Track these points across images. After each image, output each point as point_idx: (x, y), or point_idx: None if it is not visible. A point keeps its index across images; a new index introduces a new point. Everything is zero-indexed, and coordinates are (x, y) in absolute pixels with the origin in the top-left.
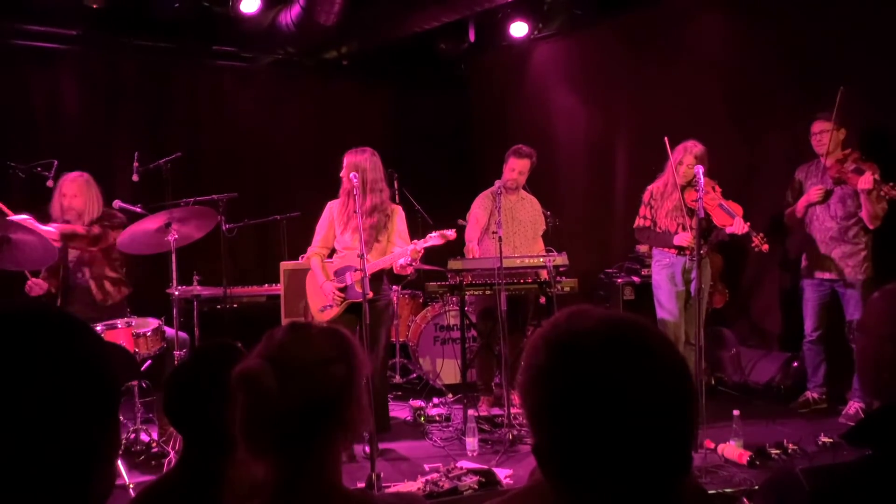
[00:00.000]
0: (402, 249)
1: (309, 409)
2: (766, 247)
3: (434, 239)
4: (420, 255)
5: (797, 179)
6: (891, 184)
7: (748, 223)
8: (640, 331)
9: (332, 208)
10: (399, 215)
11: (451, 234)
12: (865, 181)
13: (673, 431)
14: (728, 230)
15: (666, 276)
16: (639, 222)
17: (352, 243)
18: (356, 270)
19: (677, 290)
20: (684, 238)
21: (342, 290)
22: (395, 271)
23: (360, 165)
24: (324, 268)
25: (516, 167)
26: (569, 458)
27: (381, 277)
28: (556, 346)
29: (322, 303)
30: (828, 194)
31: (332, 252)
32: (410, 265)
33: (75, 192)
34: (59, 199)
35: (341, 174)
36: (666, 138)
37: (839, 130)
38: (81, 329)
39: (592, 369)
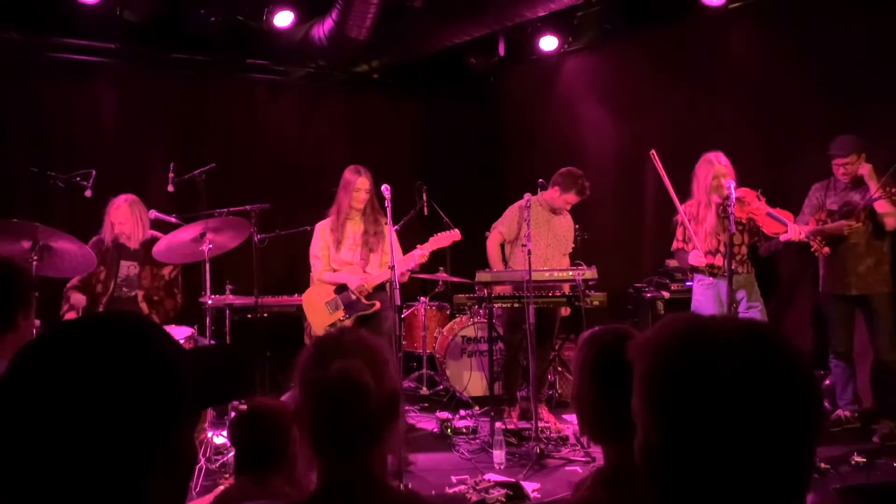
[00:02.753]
0: (409, 254)
1: (386, 405)
2: (826, 249)
3: (438, 241)
4: (426, 259)
5: (815, 197)
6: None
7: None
8: (778, 339)
9: (325, 228)
10: (389, 225)
11: (454, 234)
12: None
13: (796, 449)
14: (783, 238)
15: (712, 297)
16: (675, 245)
17: (351, 258)
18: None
19: (723, 310)
20: (696, 257)
21: (349, 305)
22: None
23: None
24: (340, 273)
25: (572, 202)
26: (686, 460)
27: (384, 286)
28: (691, 342)
29: (327, 321)
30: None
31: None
32: (409, 271)
33: (122, 219)
34: (109, 223)
35: (360, 190)
36: (653, 152)
37: (861, 156)
38: (163, 335)
39: (730, 370)
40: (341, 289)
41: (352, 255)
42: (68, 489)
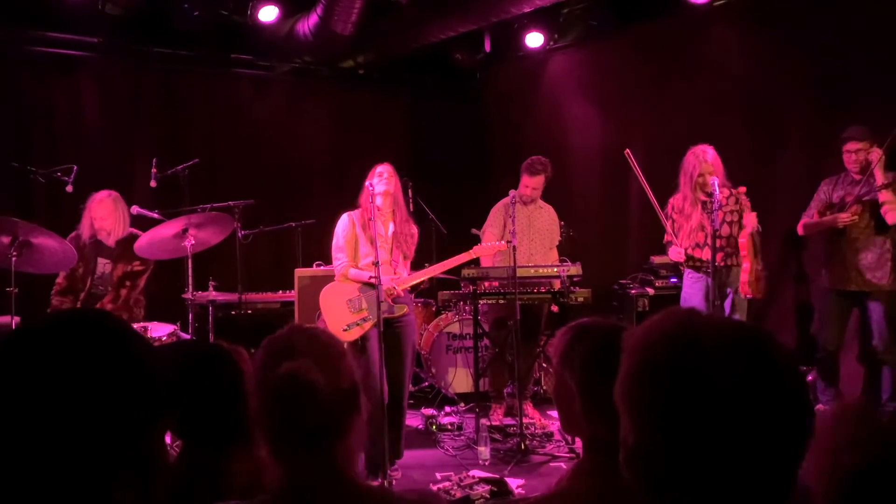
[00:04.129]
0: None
1: (342, 400)
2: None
3: (481, 250)
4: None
5: (822, 191)
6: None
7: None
8: (768, 340)
9: (353, 220)
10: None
11: (500, 245)
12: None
13: (783, 456)
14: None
15: (700, 290)
16: (666, 237)
17: (382, 257)
18: (371, 278)
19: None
20: (675, 253)
21: (373, 306)
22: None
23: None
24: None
25: (530, 184)
26: (672, 463)
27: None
28: (679, 342)
29: (345, 321)
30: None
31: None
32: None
33: (104, 214)
34: (88, 218)
35: (385, 183)
36: (628, 151)
37: (873, 147)
38: (135, 335)
39: (718, 371)
40: (367, 287)
41: (383, 253)
42: (36, 487)
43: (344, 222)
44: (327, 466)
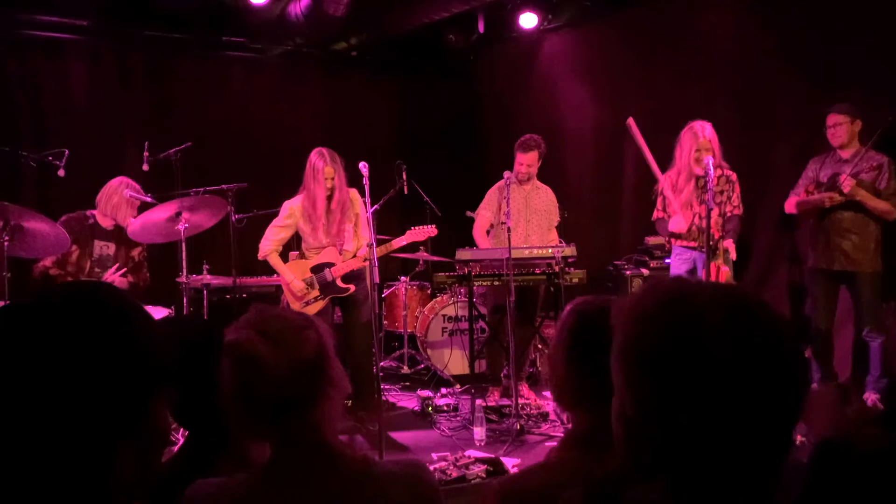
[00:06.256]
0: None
1: (299, 371)
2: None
3: (414, 235)
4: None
5: (811, 169)
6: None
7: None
8: (763, 307)
9: (293, 208)
10: (360, 201)
11: (430, 229)
12: (845, 185)
13: (780, 421)
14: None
15: (685, 271)
16: (655, 214)
17: (331, 241)
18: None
19: None
20: (677, 223)
21: (324, 286)
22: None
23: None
24: (284, 266)
25: (524, 161)
26: (666, 435)
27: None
28: (676, 309)
29: (304, 298)
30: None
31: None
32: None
33: (116, 202)
34: (103, 207)
35: (328, 178)
36: (630, 120)
37: (854, 122)
38: (133, 304)
39: (719, 338)
40: (318, 269)
41: (328, 238)
42: (40, 458)
43: (283, 212)
44: (299, 437)
